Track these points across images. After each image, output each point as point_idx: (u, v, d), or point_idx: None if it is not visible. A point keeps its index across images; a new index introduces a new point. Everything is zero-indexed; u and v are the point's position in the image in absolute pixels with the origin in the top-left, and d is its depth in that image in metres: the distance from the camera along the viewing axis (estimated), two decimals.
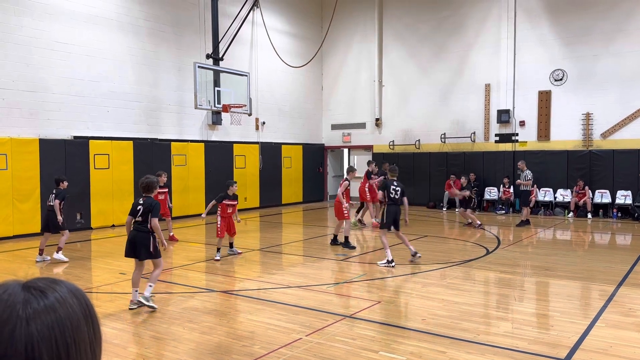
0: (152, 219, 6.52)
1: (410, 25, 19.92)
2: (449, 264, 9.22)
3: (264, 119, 19.32)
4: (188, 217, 16.26)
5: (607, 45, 16.19)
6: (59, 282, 0.88)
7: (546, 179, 17.09)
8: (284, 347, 5.15)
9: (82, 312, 0.87)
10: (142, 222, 6.60)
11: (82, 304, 0.88)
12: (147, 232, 6.58)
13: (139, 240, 6.56)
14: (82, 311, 0.87)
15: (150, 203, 6.61)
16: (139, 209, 6.61)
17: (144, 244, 6.56)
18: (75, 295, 0.88)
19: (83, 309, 0.87)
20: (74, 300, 0.87)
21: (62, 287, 0.87)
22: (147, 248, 6.56)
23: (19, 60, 12.47)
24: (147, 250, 6.57)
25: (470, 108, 18.67)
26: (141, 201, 6.66)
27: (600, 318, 6.09)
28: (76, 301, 0.87)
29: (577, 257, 9.87)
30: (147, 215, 6.56)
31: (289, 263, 9.89)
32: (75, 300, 0.87)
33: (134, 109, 15.09)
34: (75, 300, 0.87)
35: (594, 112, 16.44)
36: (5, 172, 12.09)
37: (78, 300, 0.87)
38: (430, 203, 19.09)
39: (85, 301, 0.89)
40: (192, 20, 16.71)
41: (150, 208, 6.56)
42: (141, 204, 6.63)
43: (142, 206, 6.60)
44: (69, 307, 0.85)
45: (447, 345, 5.23)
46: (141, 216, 6.59)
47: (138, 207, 6.63)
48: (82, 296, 0.89)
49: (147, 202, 6.62)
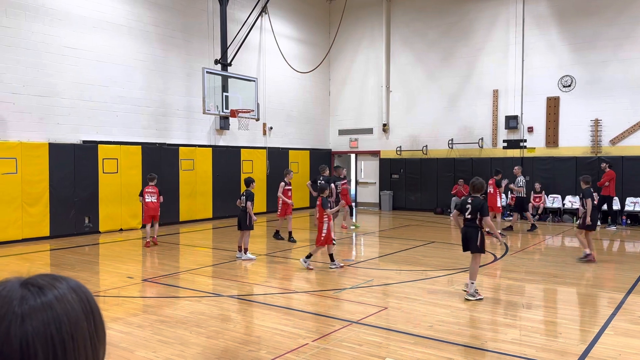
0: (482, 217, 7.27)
1: (418, 31, 19.94)
2: (456, 270, 9.18)
3: (272, 124, 19.38)
4: (196, 221, 16.32)
5: (615, 51, 16.12)
6: (60, 279, 0.88)
7: (554, 185, 17.00)
8: (291, 353, 5.15)
9: (82, 309, 0.86)
10: (472, 219, 7.30)
11: (83, 300, 0.87)
12: (475, 227, 7.27)
13: (470, 235, 7.30)
14: (82, 308, 0.86)
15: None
16: (467, 207, 7.32)
17: (473, 237, 7.26)
18: (76, 292, 0.87)
19: (83, 305, 0.87)
20: (74, 296, 0.86)
21: (63, 284, 0.87)
22: (474, 242, 7.27)
23: (30, 65, 12.60)
24: (474, 244, 7.28)
25: (478, 114, 18.63)
26: (469, 200, 7.37)
27: (609, 326, 6.04)
28: (76, 297, 0.86)
29: (586, 264, 9.79)
30: (476, 213, 7.24)
31: (296, 268, 9.88)
32: (74, 297, 0.86)
33: (142, 113, 15.20)
34: (75, 296, 0.86)
35: (602, 118, 16.36)
36: (15, 176, 12.20)
37: (78, 296, 0.87)
38: (438, 209, 19.03)
39: (86, 298, 0.88)
40: (201, 26, 16.82)
41: (479, 207, 7.22)
42: (469, 202, 7.35)
43: (470, 204, 7.33)
44: (67, 303, 0.84)
45: (454, 352, 5.21)
46: (470, 214, 7.28)
47: (467, 205, 7.32)
48: (83, 293, 0.88)
49: (476, 201, 7.33)
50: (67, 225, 13.18)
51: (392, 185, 20.43)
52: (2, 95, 12.08)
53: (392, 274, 8.93)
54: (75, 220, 13.39)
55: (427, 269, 9.28)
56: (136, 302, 7.28)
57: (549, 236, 13.75)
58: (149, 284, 8.25)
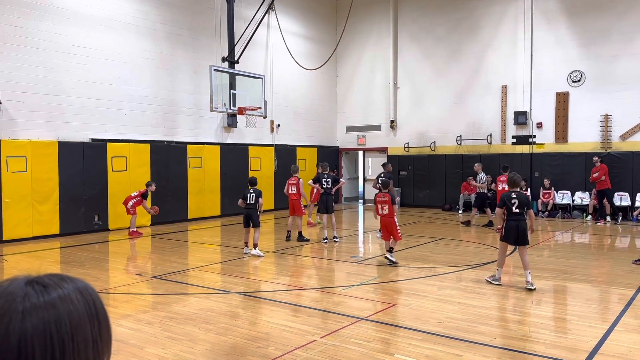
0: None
1: (426, 27, 19.85)
2: (465, 267, 9.15)
3: (279, 122, 19.38)
4: (204, 219, 16.37)
5: (625, 46, 15.96)
6: (68, 280, 0.88)
7: (564, 181, 16.89)
8: (299, 349, 5.16)
9: (86, 311, 0.85)
10: (521, 213, 7.68)
11: (89, 302, 0.87)
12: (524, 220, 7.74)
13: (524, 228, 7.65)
14: (86, 310, 0.86)
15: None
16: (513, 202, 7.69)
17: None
18: (82, 294, 0.87)
19: (88, 307, 0.86)
20: (79, 297, 0.86)
21: (69, 284, 0.87)
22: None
23: (39, 64, 12.68)
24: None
25: (486, 110, 18.53)
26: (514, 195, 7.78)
27: (620, 322, 5.99)
28: (81, 299, 0.86)
29: (596, 261, 9.72)
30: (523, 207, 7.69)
31: (304, 265, 9.89)
32: (80, 298, 0.86)
33: (150, 111, 15.26)
34: (81, 298, 0.86)
35: (612, 113, 16.21)
36: (25, 174, 12.29)
37: (84, 298, 0.86)
38: (446, 205, 18.97)
39: (92, 300, 0.88)
40: (208, 23, 16.85)
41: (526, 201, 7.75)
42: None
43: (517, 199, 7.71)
44: (71, 304, 0.84)
45: (463, 348, 5.19)
46: (518, 208, 7.68)
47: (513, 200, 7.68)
48: (89, 295, 0.88)
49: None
50: (76, 222, 13.27)
51: (400, 181, 20.39)
52: (12, 94, 12.17)
53: (400, 271, 8.91)
54: (84, 218, 13.47)
55: (435, 266, 9.25)
56: (145, 299, 7.32)
57: (559, 232, 13.66)
58: (157, 281, 8.29)
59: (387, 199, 9.43)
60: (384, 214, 9.49)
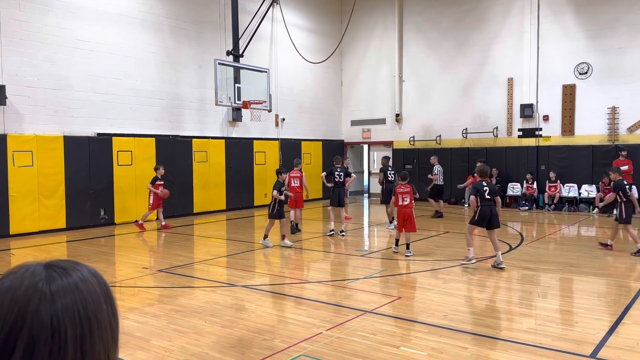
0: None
1: (431, 20, 19.73)
2: (470, 260, 9.11)
3: (284, 115, 19.35)
4: (209, 212, 16.40)
5: (633, 37, 15.80)
6: (79, 264, 0.92)
7: (570, 174, 16.79)
8: (305, 341, 5.16)
9: (102, 292, 0.90)
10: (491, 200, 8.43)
11: (102, 284, 0.92)
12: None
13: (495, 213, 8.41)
14: (102, 291, 0.91)
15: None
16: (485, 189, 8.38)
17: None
18: (95, 276, 0.92)
19: (103, 289, 0.91)
20: (94, 279, 0.91)
21: (83, 268, 0.91)
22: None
23: (44, 58, 12.69)
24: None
25: (492, 102, 18.42)
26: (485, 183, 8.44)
27: (627, 315, 5.96)
28: (96, 281, 0.91)
29: (602, 254, 9.68)
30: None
31: (309, 258, 9.90)
32: (95, 280, 0.91)
33: (156, 106, 15.26)
34: (95, 280, 0.91)
35: (620, 105, 16.08)
36: (31, 169, 12.34)
37: (98, 280, 0.91)
38: (452, 199, 18.91)
39: (103, 282, 0.93)
40: (212, 17, 16.81)
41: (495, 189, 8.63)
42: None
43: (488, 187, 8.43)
44: (90, 285, 0.89)
45: (469, 341, 5.18)
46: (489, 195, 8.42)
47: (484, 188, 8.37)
48: (100, 277, 0.93)
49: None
50: (82, 217, 13.32)
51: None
52: (18, 89, 12.20)
53: (406, 264, 8.90)
54: (90, 212, 13.52)
55: (441, 259, 9.23)
56: (151, 292, 7.34)
57: (565, 225, 13.60)
58: (164, 275, 8.32)
59: (409, 190, 9.76)
60: (404, 204, 9.68)
